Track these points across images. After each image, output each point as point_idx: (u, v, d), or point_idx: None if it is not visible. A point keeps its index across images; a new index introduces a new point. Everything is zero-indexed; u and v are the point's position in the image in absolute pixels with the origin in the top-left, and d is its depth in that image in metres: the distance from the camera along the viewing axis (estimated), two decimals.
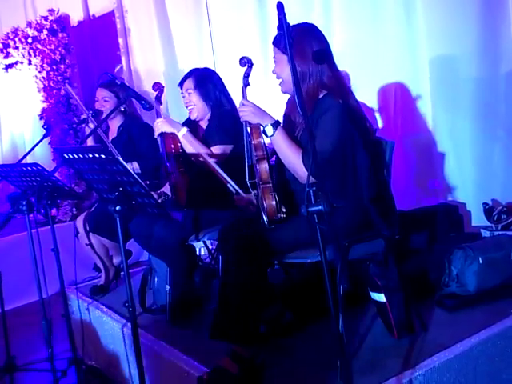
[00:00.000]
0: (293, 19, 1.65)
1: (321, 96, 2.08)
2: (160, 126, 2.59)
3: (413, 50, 3.11)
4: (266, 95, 3.53)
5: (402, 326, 2.10)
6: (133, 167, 3.15)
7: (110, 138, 3.35)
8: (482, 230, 2.84)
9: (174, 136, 2.59)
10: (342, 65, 3.34)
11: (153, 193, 2.66)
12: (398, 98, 3.21)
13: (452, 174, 3.10)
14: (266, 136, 2.05)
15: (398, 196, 2.36)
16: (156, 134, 2.62)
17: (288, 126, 2.17)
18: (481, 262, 2.32)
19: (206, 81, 2.71)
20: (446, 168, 3.11)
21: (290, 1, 1.65)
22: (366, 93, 3.26)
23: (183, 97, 2.76)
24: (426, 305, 2.33)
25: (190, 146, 2.55)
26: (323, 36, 2.12)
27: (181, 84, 2.77)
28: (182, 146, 2.58)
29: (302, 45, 2.02)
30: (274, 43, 2.13)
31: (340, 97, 2.03)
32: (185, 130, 2.56)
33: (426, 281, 2.50)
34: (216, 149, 2.60)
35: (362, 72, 3.28)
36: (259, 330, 2.06)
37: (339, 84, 2.08)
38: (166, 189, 2.75)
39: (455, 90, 2.96)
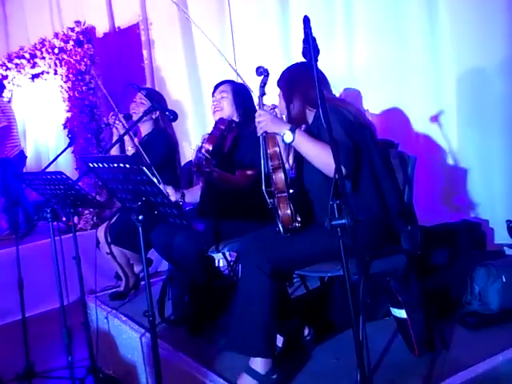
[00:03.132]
0: (315, 36, 1.65)
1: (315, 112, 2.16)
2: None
3: (438, 64, 3.08)
4: None
5: (423, 343, 2.07)
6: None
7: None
8: (505, 248, 2.80)
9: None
10: (365, 80, 3.38)
11: (172, 189, 2.65)
12: (421, 112, 3.18)
13: (475, 191, 3.06)
14: (286, 144, 2.04)
15: (420, 211, 2.33)
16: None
17: None
18: (504, 280, 2.29)
19: (241, 91, 2.73)
20: (469, 184, 3.07)
21: (312, 18, 1.65)
22: (389, 107, 3.26)
23: (213, 99, 2.78)
24: (447, 322, 2.30)
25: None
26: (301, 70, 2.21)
27: (216, 87, 2.79)
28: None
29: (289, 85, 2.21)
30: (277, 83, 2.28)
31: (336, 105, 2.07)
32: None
33: (448, 298, 2.47)
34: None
35: (386, 85, 3.27)
36: (275, 343, 2.05)
37: (332, 99, 2.16)
38: (190, 192, 2.75)
39: (482, 104, 2.92)
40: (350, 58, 3.46)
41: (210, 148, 2.52)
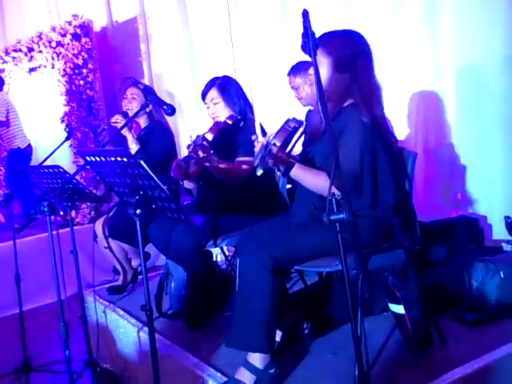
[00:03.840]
0: (313, 27, 1.64)
1: (345, 105, 2.05)
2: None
3: (437, 59, 3.08)
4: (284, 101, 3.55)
5: (421, 338, 2.06)
6: None
7: None
8: (503, 244, 2.80)
9: None
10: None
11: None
12: (420, 108, 3.18)
13: (474, 187, 3.06)
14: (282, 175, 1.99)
15: (418, 207, 2.33)
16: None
17: (310, 141, 2.17)
18: (502, 276, 2.29)
19: (228, 88, 2.70)
20: (467, 180, 3.07)
21: (310, 11, 1.64)
22: (388, 103, 3.24)
23: (208, 107, 2.75)
24: (445, 318, 2.30)
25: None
26: (361, 43, 2.05)
27: (204, 95, 2.75)
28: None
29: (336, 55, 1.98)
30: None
31: (365, 108, 1.99)
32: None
33: (445, 293, 2.47)
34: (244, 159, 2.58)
35: (385, 81, 3.24)
36: (274, 338, 2.05)
37: (368, 94, 2.03)
38: None
39: (481, 100, 2.91)
40: None
41: (211, 138, 2.49)
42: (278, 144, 1.93)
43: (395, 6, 3.22)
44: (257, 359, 1.97)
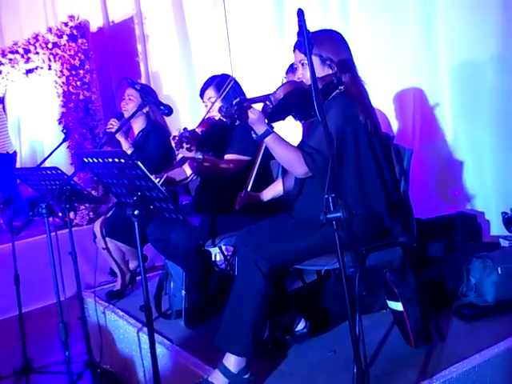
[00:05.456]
0: (309, 26, 1.65)
1: (333, 94, 2.07)
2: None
3: (432, 56, 3.09)
4: None
5: (420, 335, 2.08)
6: None
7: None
8: (500, 240, 2.81)
9: None
10: (359, 71, 3.37)
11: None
12: (416, 105, 3.19)
13: (471, 183, 3.07)
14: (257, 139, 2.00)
15: (415, 204, 2.33)
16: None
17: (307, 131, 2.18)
18: (500, 272, 2.30)
19: (226, 87, 2.70)
20: (464, 176, 3.08)
21: (307, 8, 1.66)
22: (384, 100, 3.25)
23: (205, 105, 2.75)
24: (443, 314, 2.31)
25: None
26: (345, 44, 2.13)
27: (202, 94, 2.76)
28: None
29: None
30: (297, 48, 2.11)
31: (353, 99, 2.02)
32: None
33: (444, 290, 2.47)
34: (233, 157, 2.60)
35: (380, 79, 3.26)
36: (261, 344, 2.02)
37: (354, 89, 2.06)
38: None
39: (476, 97, 2.92)
40: None
41: (200, 131, 2.47)
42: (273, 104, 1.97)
43: (390, 3, 3.22)
44: (231, 362, 1.96)
